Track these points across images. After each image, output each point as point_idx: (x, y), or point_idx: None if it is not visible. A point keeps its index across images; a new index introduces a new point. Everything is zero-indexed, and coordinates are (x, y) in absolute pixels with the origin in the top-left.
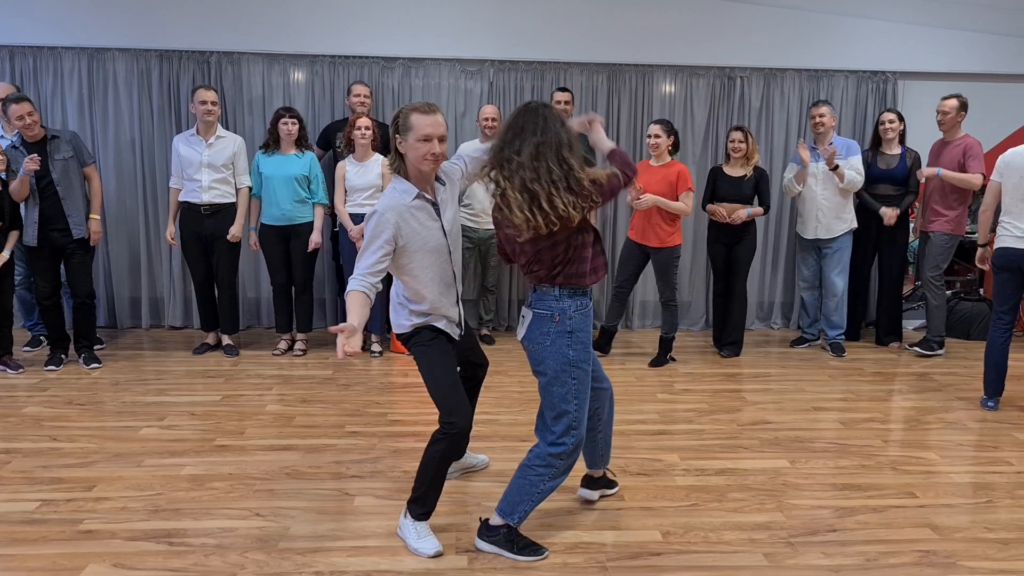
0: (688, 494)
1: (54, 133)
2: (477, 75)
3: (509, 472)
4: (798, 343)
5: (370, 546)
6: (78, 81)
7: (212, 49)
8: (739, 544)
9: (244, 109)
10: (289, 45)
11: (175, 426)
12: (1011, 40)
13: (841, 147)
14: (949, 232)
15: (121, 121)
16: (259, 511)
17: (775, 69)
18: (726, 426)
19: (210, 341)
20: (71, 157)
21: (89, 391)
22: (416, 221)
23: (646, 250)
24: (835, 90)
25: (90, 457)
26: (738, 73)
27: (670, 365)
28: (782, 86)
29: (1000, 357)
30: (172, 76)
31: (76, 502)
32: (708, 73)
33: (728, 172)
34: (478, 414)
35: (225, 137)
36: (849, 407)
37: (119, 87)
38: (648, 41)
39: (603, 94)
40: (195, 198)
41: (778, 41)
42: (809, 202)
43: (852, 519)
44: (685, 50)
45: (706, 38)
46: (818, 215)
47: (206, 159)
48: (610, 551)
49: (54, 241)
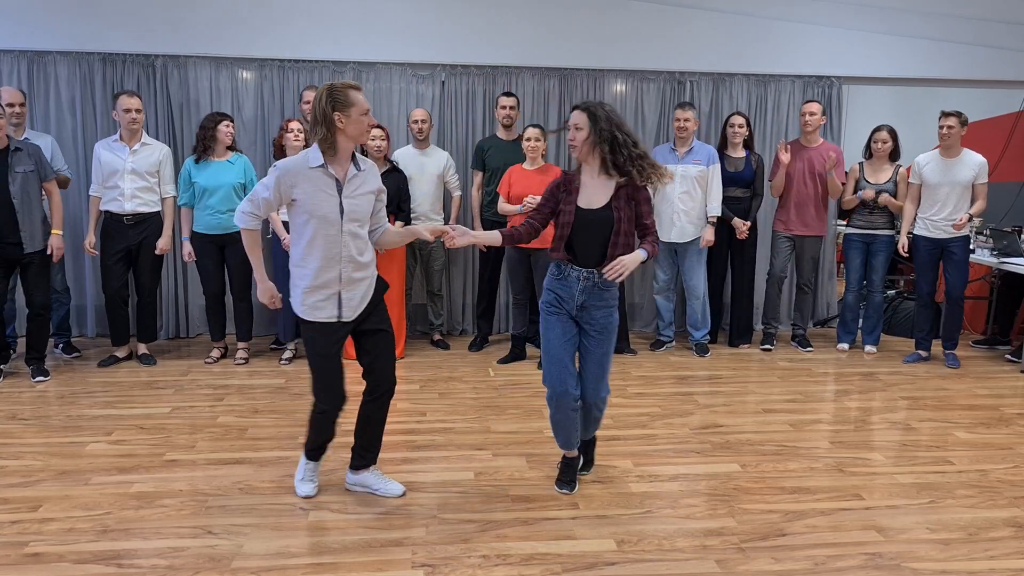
0: (642, 501)
1: (17, 145)
2: (428, 79)
3: (463, 481)
4: (656, 346)
5: (326, 563)
6: (17, 84)
7: (157, 52)
8: (692, 551)
9: (191, 113)
10: (237, 48)
11: (123, 441)
12: (951, 46)
13: (704, 155)
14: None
15: (63, 125)
16: (211, 528)
17: (723, 74)
18: (679, 430)
19: (120, 354)
20: (31, 171)
21: (33, 405)
22: (311, 185)
23: (528, 253)
24: (782, 94)
25: (35, 475)
26: (688, 77)
27: (624, 365)
28: (730, 90)
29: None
30: (116, 79)
31: (21, 524)
32: (659, 77)
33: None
34: (433, 421)
35: (151, 145)
36: (798, 408)
37: (61, 90)
38: (599, 45)
39: (555, 98)
40: (117, 207)
41: (726, 46)
42: (666, 204)
43: (801, 523)
44: (636, 54)
45: (657, 43)
46: (674, 218)
47: (130, 166)
48: (566, 561)
49: (7, 254)
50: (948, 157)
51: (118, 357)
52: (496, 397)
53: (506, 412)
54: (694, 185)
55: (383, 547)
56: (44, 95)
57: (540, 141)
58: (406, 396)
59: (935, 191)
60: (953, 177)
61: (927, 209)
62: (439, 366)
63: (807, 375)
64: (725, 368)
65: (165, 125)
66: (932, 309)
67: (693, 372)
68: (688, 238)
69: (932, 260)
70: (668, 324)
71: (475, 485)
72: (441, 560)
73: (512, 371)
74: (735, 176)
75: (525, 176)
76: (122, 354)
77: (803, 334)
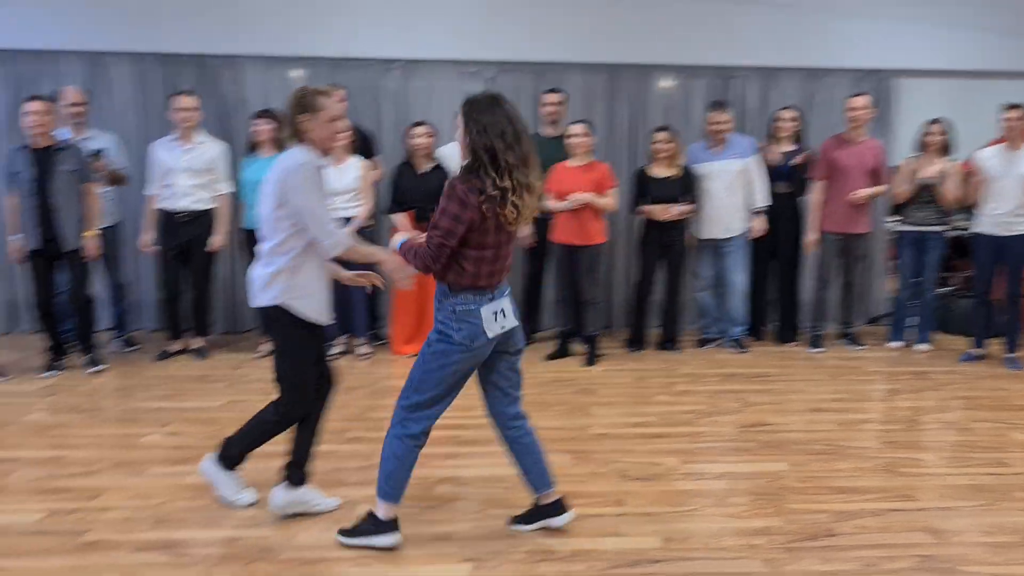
0: (688, 499)
1: (62, 145)
2: (475, 77)
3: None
4: (702, 344)
5: (375, 555)
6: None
7: (211, 53)
8: (738, 550)
9: (244, 113)
10: (287, 48)
11: (178, 433)
12: (1008, 38)
13: (741, 147)
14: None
15: (122, 125)
16: (263, 520)
17: (773, 68)
18: (725, 428)
19: (174, 348)
20: (74, 171)
21: (91, 397)
22: (322, 181)
23: (573, 249)
24: (833, 89)
25: (94, 465)
26: (736, 73)
27: (670, 363)
28: (780, 85)
29: None
30: (172, 80)
31: (81, 512)
32: (707, 73)
33: (655, 174)
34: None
35: (205, 143)
36: (847, 407)
37: (120, 91)
38: (646, 41)
39: (602, 95)
40: (172, 204)
41: (776, 40)
42: (707, 201)
43: (850, 523)
44: (684, 49)
45: (705, 37)
46: (716, 214)
47: (184, 164)
48: (611, 558)
49: (50, 250)
50: (1013, 150)
51: (173, 351)
52: (542, 393)
53: (551, 408)
54: (735, 180)
55: (430, 541)
56: (104, 95)
57: (586, 137)
58: None
59: (998, 185)
60: (1018, 170)
61: (989, 204)
62: None
63: (857, 374)
64: (772, 366)
65: (219, 124)
66: (989, 307)
67: (739, 370)
68: (731, 233)
69: (992, 257)
70: (712, 321)
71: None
72: (487, 555)
73: (558, 368)
74: (774, 171)
75: (571, 173)
76: (176, 348)
77: (853, 332)
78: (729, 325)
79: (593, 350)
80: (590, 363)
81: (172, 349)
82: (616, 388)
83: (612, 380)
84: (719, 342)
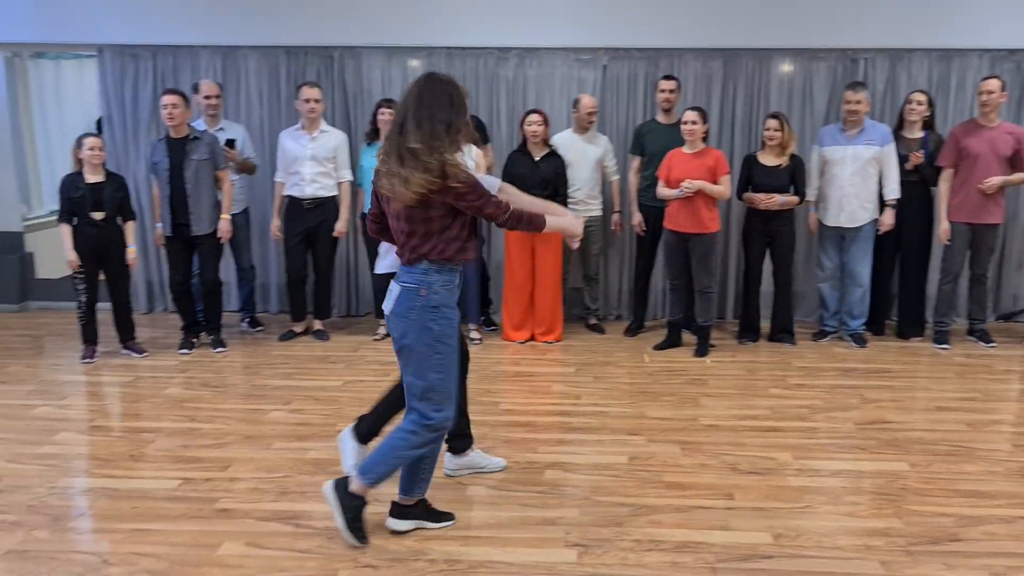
0: (801, 495)
1: (196, 134)
2: (590, 63)
3: (616, 464)
4: (819, 336)
5: (482, 536)
6: (213, 77)
7: (335, 44)
8: (854, 550)
9: (364, 102)
10: (406, 38)
11: (300, 410)
12: None
13: (877, 134)
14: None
15: (252, 115)
16: (377, 497)
17: (901, 50)
18: (841, 424)
19: (297, 329)
20: (206, 159)
21: (221, 374)
22: None
23: (685, 237)
24: (967, 71)
25: (224, 438)
26: (861, 55)
27: (784, 355)
28: (909, 68)
29: None
30: (299, 71)
31: (213, 482)
32: (829, 56)
33: (763, 161)
34: (587, 405)
35: (329, 132)
36: (976, 407)
37: (250, 83)
38: (765, 24)
39: (718, 81)
40: (298, 192)
41: (904, 20)
42: (835, 187)
43: (977, 529)
44: (805, 32)
45: (827, 18)
46: (843, 202)
47: (309, 153)
48: (719, 552)
49: (182, 234)
50: None
51: (296, 332)
52: (651, 383)
53: (661, 399)
54: (866, 167)
55: (537, 525)
56: (235, 87)
57: (699, 124)
58: (561, 379)
59: None
60: None
61: None
62: (594, 350)
63: (987, 372)
64: (894, 362)
65: (342, 114)
66: None
67: (858, 364)
68: (858, 223)
69: None
70: (832, 314)
71: (628, 469)
72: (594, 541)
73: (668, 358)
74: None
75: (685, 160)
76: (299, 329)
77: (983, 328)
78: (848, 318)
79: (704, 341)
80: (701, 354)
81: (296, 330)
82: (727, 380)
83: (723, 371)
84: (836, 335)
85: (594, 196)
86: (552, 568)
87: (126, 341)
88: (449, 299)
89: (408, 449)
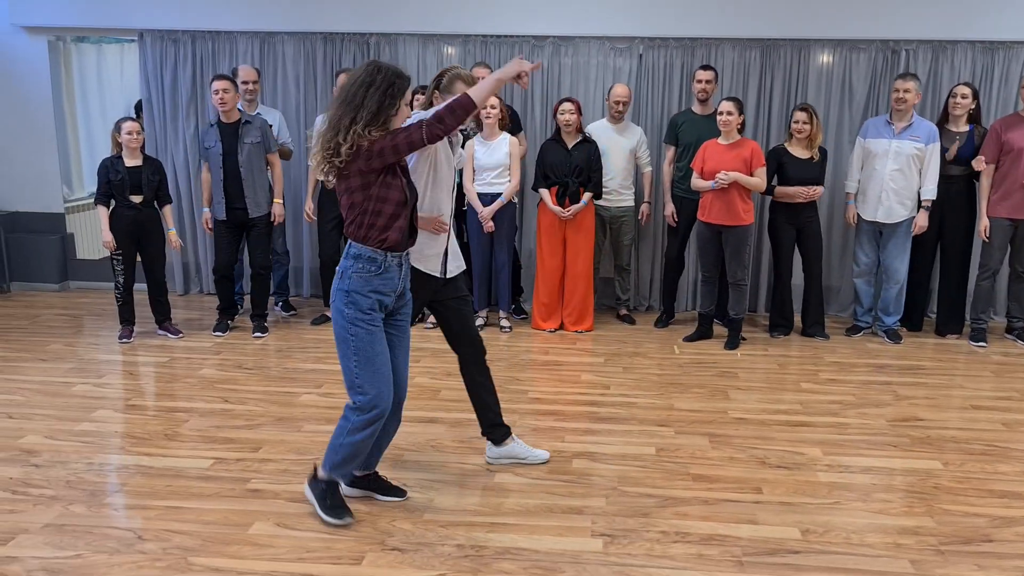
0: (830, 491)
1: (248, 118)
2: (626, 52)
3: (644, 455)
4: (852, 331)
5: (509, 523)
6: (251, 63)
7: (371, 31)
8: (883, 548)
9: None
10: (443, 25)
11: (331, 394)
12: None
13: (924, 131)
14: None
15: (288, 101)
16: (406, 481)
17: (944, 41)
18: (873, 421)
19: (329, 314)
20: (258, 143)
21: (255, 356)
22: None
23: (719, 229)
24: (1012, 64)
25: (256, 420)
26: (903, 46)
27: (816, 350)
28: (952, 59)
29: None
30: (336, 58)
31: (245, 462)
32: (870, 47)
33: (795, 153)
34: (616, 395)
35: None
36: (1013, 407)
37: (287, 68)
38: (805, 13)
39: (755, 72)
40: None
41: (949, 9)
42: (875, 181)
43: (1011, 530)
44: (845, 22)
45: (868, 8)
46: (882, 196)
47: None
48: (746, 545)
49: (236, 218)
50: None
51: (328, 316)
52: (680, 375)
53: (690, 390)
54: (909, 163)
55: (564, 513)
56: (272, 73)
57: (735, 115)
58: (590, 368)
59: None
60: None
61: None
62: (624, 341)
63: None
64: (929, 359)
65: None
66: None
67: (892, 361)
68: (896, 219)
69: None
70: (867, 309)
71: (656, 461)
72: (620, 532)
73: (697, 349)
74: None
75: (719, 151)
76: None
77: (1022, 327)
78: (883, 314)
79: (735, 333)
80: (731, 346)
81: (328, 314)
82: (757, 373)
83: (753, 364)
84: (870, 330)
85: (627, 186)
86: (577, 557)
87: (162, 322)
88: (361, 286)
89: (347, 435)
